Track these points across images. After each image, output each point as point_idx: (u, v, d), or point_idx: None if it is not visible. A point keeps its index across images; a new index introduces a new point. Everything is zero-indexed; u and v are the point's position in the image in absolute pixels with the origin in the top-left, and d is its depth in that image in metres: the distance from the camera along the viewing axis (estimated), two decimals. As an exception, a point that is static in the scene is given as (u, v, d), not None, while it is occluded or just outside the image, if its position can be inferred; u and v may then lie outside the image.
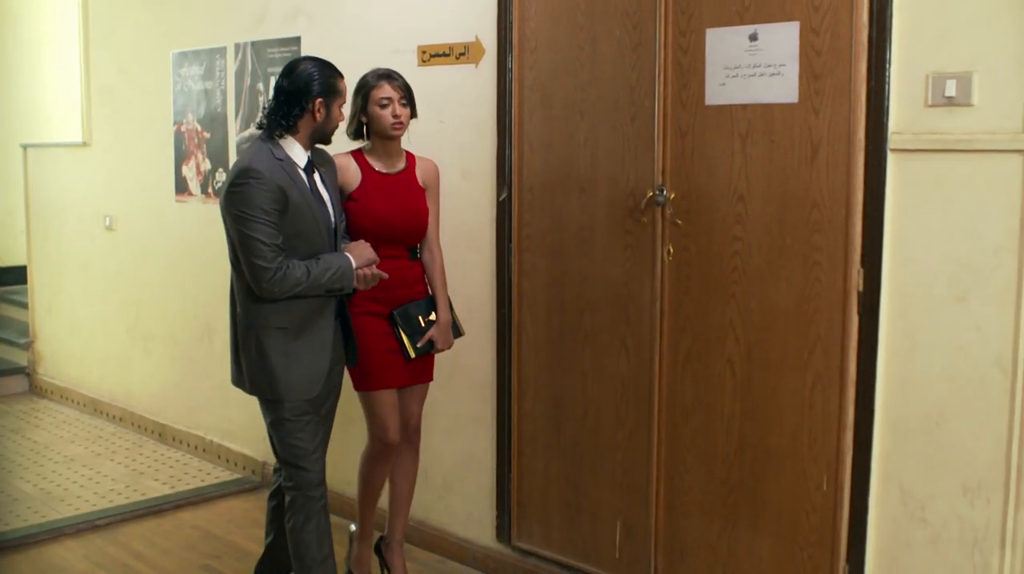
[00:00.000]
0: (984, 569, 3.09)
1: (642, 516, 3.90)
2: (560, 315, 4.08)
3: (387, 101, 3.85)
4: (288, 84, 3.55)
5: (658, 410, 3.81)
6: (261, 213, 3.44)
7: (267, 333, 3.58)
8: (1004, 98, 2.97)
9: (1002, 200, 2.99)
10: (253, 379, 3.64)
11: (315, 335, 3.65)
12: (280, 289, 3.48)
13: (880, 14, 3.14)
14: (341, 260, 3.61)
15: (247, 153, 3.58)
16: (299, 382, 3.62)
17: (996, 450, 3.05)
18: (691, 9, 3.55)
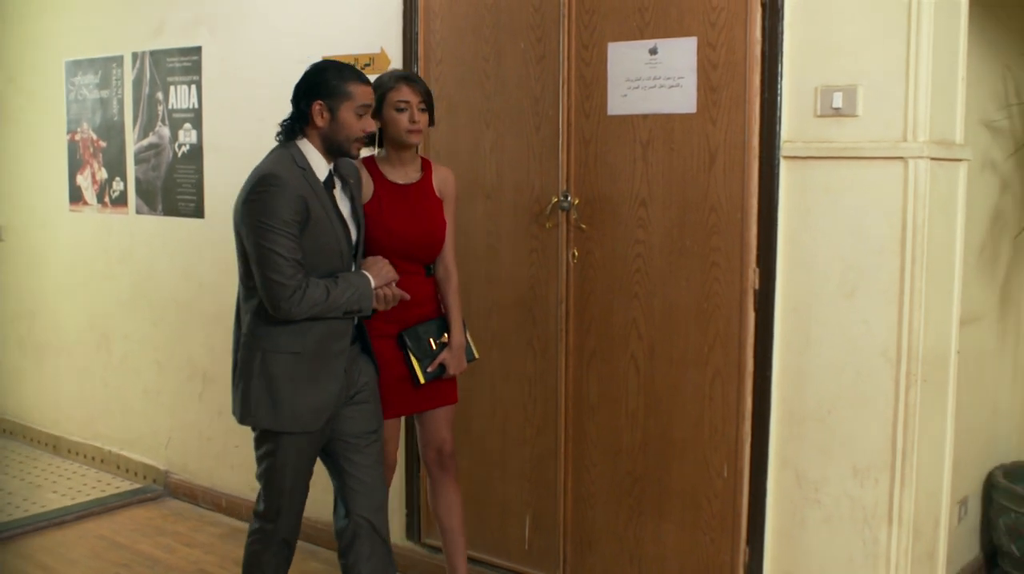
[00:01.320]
0: (873, 544, 3.33)
1: (550, 509, 4.05)
2: (468, 317, 4.18)
3: (405, 105, 3.55)
4: (297, 89, 3.31)
5: (565, 407, 3.97)
6: (282, 224, 3.14)
7: (276, 357, 3.26)
8: (887, 109, 3.21)
9: (886, 203, 3.23)
10: (251, 407, 3.29)
11: (328, 362, 3.32)
12: (298, 309, 3.17)
13: (772, 31, 3.37)
14: (360, 280, 3.32)
15: (267, 159, 3.30)
16: (304, 413, 3.29)
17: (883, 434, 3.29)
18: (593, 24, 3.73)
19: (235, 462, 5.20)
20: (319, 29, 4.60)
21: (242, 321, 3.35)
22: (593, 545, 3.96)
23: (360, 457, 3.47)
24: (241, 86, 4.97)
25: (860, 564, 3.36)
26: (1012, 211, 4.55)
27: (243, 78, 4.95)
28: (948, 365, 3.50)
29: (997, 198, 4.41)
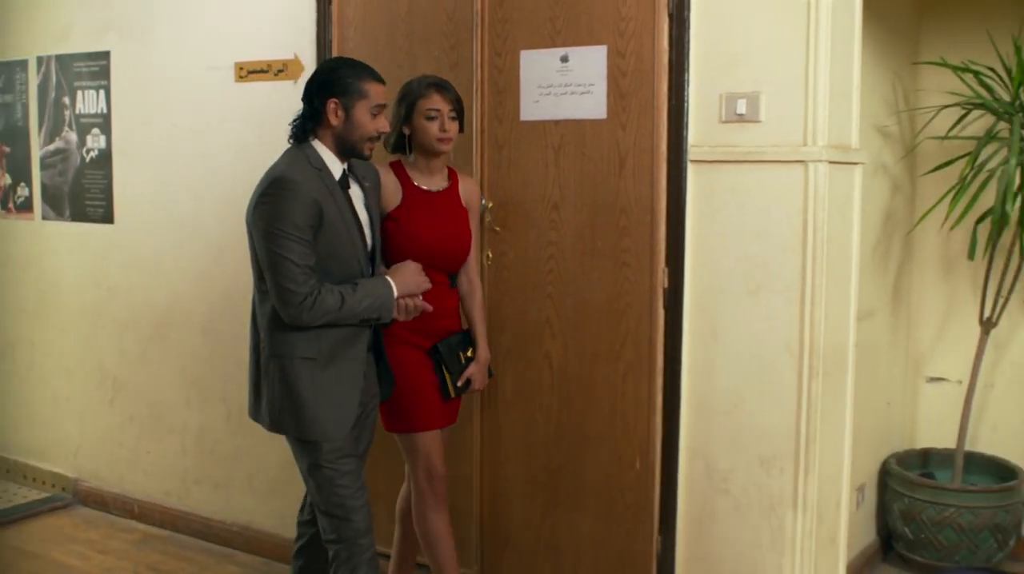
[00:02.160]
0: (780, 530, 3.50)
1: (466, 505, 4.13)
2: (384, 319, 4.28)
3: (435, 113, 3.48)
4: (309, 87, 3.22)
5: (480, 405, 4.07)
6: (293, 229, 3.04)
7: (292, 363, 3.16)
8: (788, 115, 3.39)
9: (788, 204, 3.39)
10: (276, 415, 3.21)
11: (345, 368, 3.22)
12: (310, 316, 3.06)
13: (679, 40, 3.52)
14: (381, 288, 3.22)
15: (281, 160, 3.20)
16: (330, 421, 3.20)
17: (788, 424, 3.46)
18: (506, 32, 3.84)
19: (148, 468, 5.19)
20: (231, 34, 4.63)
21: (258, 326, 3.26)
22: (509, 539, 4.07)
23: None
24: (152, 91, 4.96)
25: (767, 549, 3.53)
26: (902, 211, 4.78)
27: (154, 83, 4.95)
28: (846, 358, 3.68)
29: (888, 199, 4.63)
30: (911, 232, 4.84)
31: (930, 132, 4.64)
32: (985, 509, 4.35)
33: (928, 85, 4.72)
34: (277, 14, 4.47)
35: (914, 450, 4.90)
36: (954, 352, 4.89)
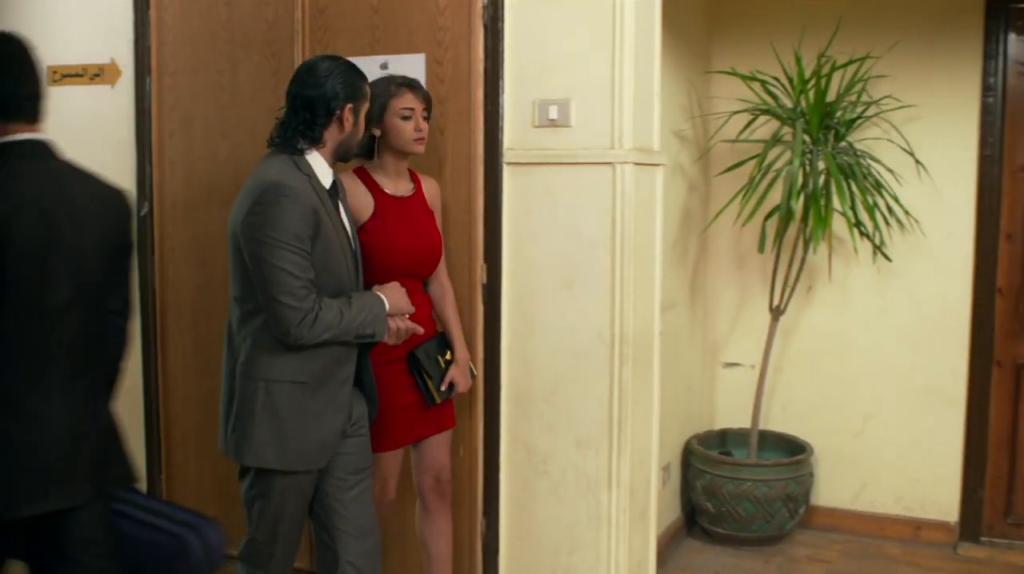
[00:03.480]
0: (596, 507, 3.75)
1: (295, 500, 4.25)
2: (207, 321, 4.34)
3: (409, 112, 3.37)
4: (309, 89, 2.99)
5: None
6: (293, 239, 2.82)
7: (281, 388, 2.93)
8: (597, 120, 3.63)
9: (597, 204, 3.64)
10: (255, 446, 2.95)
11: (334, 392, 3.02)
12: (310, 335, 2.85)
13: (494, 50, 3.73)
14: (374, 301, 3.03)
15: (269, 166, 2.96)
16: (312, 449, 2.99)
17: (601, 409, 3.71)
18: (327, 39, 3.97)
19: None
20: (42, 39, 4.55)
21: (236, 347, 3.01)
22: (339, 530, 4.19)
23: (352, 496, 3.18)
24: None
25: (585, 525, 3.77)
26: (698, 209, 5.13)
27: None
28: (652, 346, 3.95)
29: (686, 198, 4.96)
30: (707, 229, 5.20)
31: (722, 136, 5.00)
32: (778, 481, 4.73)
33: (720, 93, 5.08)
34: (93, 18, 4.46)
35: (713, 431, 5.26)
36: (747, 339, 5.27)
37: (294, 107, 3.02)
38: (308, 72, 3.02)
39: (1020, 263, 4.85)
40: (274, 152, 3.03)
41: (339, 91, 2.99)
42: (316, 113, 2.99)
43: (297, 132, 3.00)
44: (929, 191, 4.86)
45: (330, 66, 3.02)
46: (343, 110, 3.01)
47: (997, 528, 4.97)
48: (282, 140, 3.02)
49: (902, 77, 4.85)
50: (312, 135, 3.00)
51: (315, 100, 2.98)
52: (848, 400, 5.14)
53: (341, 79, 3.00)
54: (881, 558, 4.84)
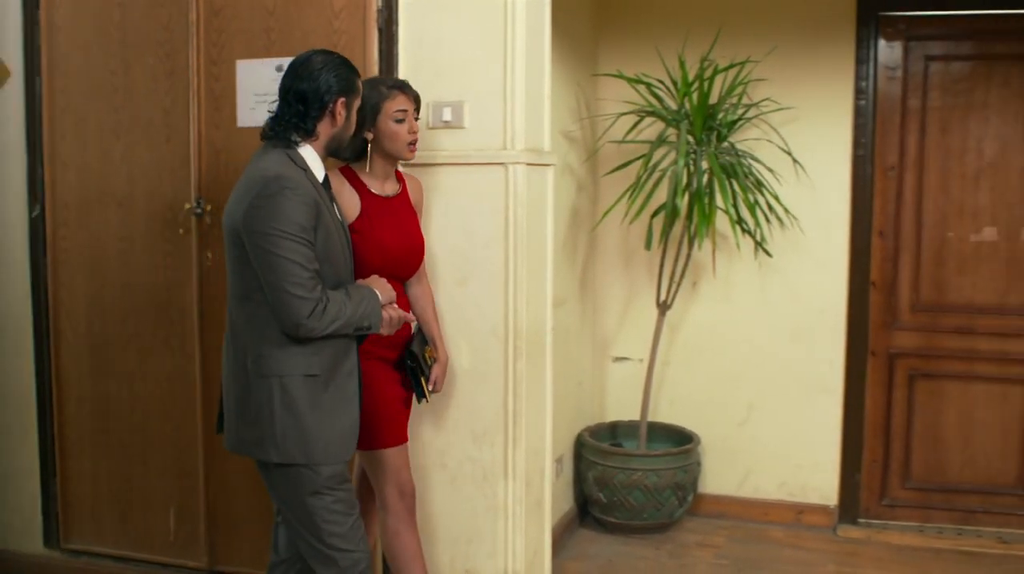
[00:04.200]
0: (492, 498, 3.85)
1: (193, 500, 4.26)
2: (102, 322, 4.32)
3: (403, 115, 3.36)
4: (302, 82, 2.99)
5: (203, 402, 4.20)
6: (299, 230, 2.84)
7: (294, 383, 2.94)
8: (489, 122, 3.72)
9: (491, 203, 3.73)
10: (276, 441, 2.95)
11: (342, 383, 3.04)
12: (319, 325, 2.87)
13: (388, 52, 3.80)
14: (369, 293, 3.07)
15: (266, 159, 2.96)
16: (336, 442, 3.01)
17: (496, 402, 3.81)
18: (222, 42, 4.00)
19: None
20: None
21: (243, 345, 3.00)
22: (237, 530, 4.22)
23: None
24: None
25: (482, 516, 3.87)
26: (587, 208, 5.27)
27: None
28: (545, 341, 4.06)
29: (575, 197, 5.10)
30: (595, 227, 5.34)
31: (609, 137, 5.15)
32: (666, 471, 4.90)
33: (607, 95, 5.23)
34: (-20, 18, 4.43)
35: (604, 423, 5.42)
36: (635, 334, 5.43)
37: (287, 100, 3.02)
38: (302, 66, 3.03)
39: (892, 258, 5.11)
40: (268, 146, 3.04)
41: (332, 84, 3.00)
42: (309, 106, 3.00)
43: (290, 125, 3.01)
44: (807, 189, 5.08)
45: (324, 60, 3.04)
46: (336, 103, 3.03)
47: (874, 510, 5.23)
48: (275, 134, 3.03)
49: (780, 81, 5.06)
50: (305, 128, 3.01)
51: (308, 93, 2.99)
52: (732, 391, 5.33)
53: (334, 73, 3.02)
54: (765, 542, 5.04)
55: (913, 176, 5.08)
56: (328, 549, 3.06)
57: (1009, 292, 5.04)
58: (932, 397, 5.16)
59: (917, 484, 5.20)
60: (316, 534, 3.05)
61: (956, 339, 5.11)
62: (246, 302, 2.98)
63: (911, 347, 5.15)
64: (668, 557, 4.83)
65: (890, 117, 5.06)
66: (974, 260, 5.05)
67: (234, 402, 3.04)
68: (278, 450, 2.96)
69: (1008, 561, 4.83)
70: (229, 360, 3.07)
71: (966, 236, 5.05)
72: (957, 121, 5.02)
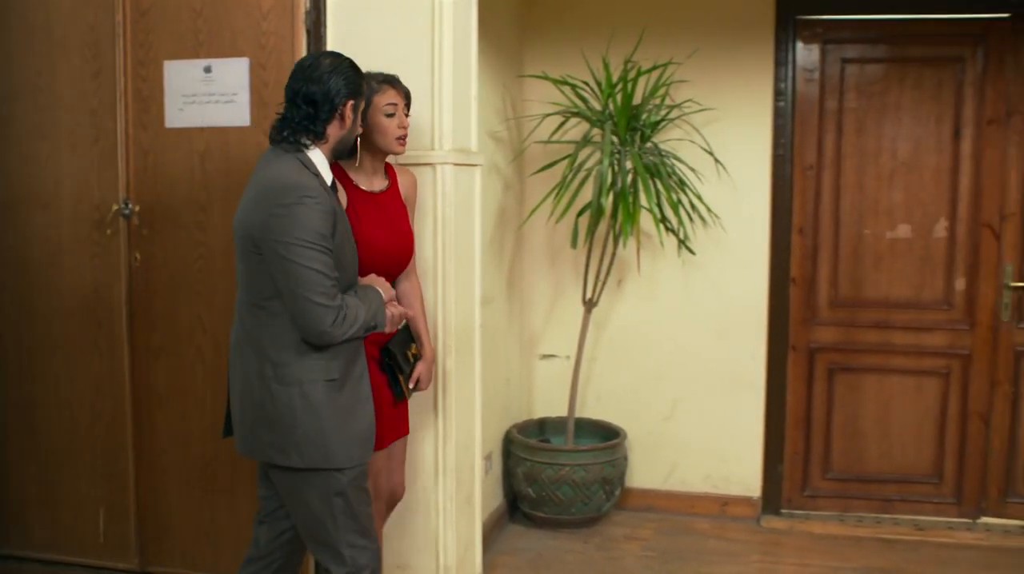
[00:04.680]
0: (424, 494, 3.91)
1: (123, 500, 4.26)
2: (29, 325, 4.30)
3: (393, 109, 3.35)
4: (312, 85, 2.99)
5: (132, 402, 4.20)
6: (320, 239, 2.84)
7: (316, 389, 2.95)
8: (418, 122, 3.74)
9: (420, 202, 3.77)
10: (299, 446, 2.97)
11: (355, 386, 3.06)
12: (340, 332, 2.89)
13: (317, 54, 3.84)
14: (373, 293, 3.09)
15: (278, 166, 2.95)
16: (356, 443, 3.03)
17: (426, 398, 3.85)
18: (149, 42, 4.00)
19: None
20: None
21: (260, 352, 2.99)
22: (169, 529, 4.23)
23: None
24: None
25: (414, 512, 3.92)
26: (513, 208, 5.34)
27: None
28: (473, 339, 4.12)
29: (502, 197, 5.16)
30: (522, 226, 5.41)
31: (535, 137, 5.22)
32: (594, 465, 4.98)
33: (533, 96, 5.30)
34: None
35: (532, 419, 5.49)
36: (562, 331, 5.51)
37: (295, 103, 3.01)
38: (311, 68, 3.02)
39: (811, 255, 5.24)
40: (277, 150, 3.02)
41: (341, 87, 3.01)
42: (319, 109, 2.99)
43: (300, 128, 3.00)
44: (728, 188, 5.20)
45: (333, 63, 3.03)
46: (345, 107, 3.03)
47: (796, 501, 5.36)
48: (283, 137, 3.01)
49: (702, 82, 5.17)
50: (316, 131, 3.00)
51: (318, 96, 2.99)
52: (657, 386, 5.43)
53: (343, 76, 3.02)
54: (692, 533, 5.15)
55: (831, 175, 5.22)
56: (349, 550, 3.07)
57: (923, 287, 5.20)
58: (851, 390, 5.30)
59: (837, 475, 5.35)
60: (334, 535, 3.06)
61: (873, 333, 5.26)
62: (260, 310, 2.98)
63: (830, 342, 5.29)
64: (596, 550, 4.92)
65: (808, 118, 5.19)
66: (889, 256, 5.21)
67: (252, 409, 3.03)
68: (301, 455, 2.97)
69: (924, 547, 4.98)
70: (242, 367, 3.05)
71: (882, 233, 5.20)
72: (872, 122, 5.17)
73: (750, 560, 4.82)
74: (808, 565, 4.77)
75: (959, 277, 5.15)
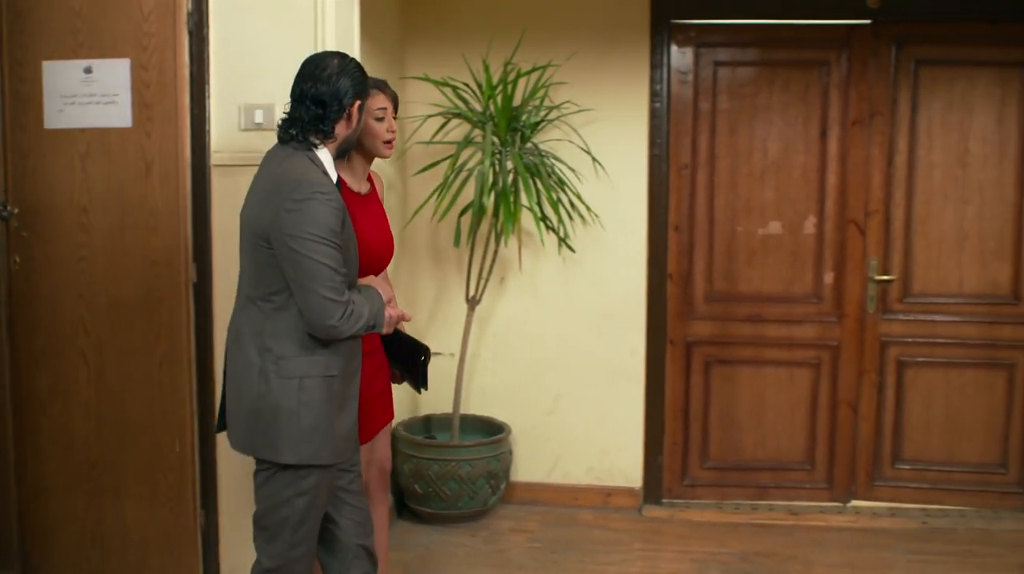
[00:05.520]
0: (312, 490, 3.94)
1: (3, 506, 4.19)
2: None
3: (383, 113, 3.41)
4: (321, 85, 3.02)
5: (13, 405, 4.15)
6: (331, 235, 2.89)
7: (315, 383, 3.00)
8: (301, 123, 3.82)
9: (304, 202, 3.82)
10: (293, 441, 3.00)
11: (349, 382, 3.13)
12: (348, 327, 2.93)
13: (199, 56, 3.86)
14: (374, 293, 3.12)
15: (289, 164, 3.00)
16: (340, 441, 3.10)
17: (314, 397, 3.90)
18: (26, 42, 3.96)
19: None
20: None
21: (262, 346, 3.02)
22: (53, 533, 4.18)
23: (355, 485, 3.34)
24: None
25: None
26: (397, 208, 5.38)
27: None
28: (360, 336, 4.18)
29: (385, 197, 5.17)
30: (406, 226, 5.47)
31: (418, 138, 5.28)
32: (479, 460, 5.07)
33: (415, 97, 5.35)
34: None
35: (418, 417, 5.55)
36: (446, 329, 5.57)
37: (303, 103, 3.05)
38: (319, 69, 3.06)
39: (687, 252, 5.41)
40: (287, 148, 3.07)
41: (349, 88, 3.05)
42: (328, 109, 3.03)
43: (310, 127, 3.05)
44: (606, 187, 5.33)
45: (340, 63, 3.08)
46: (353, 106, 3.08)
47: (675, 490, 5.53)
48: (291, 136, 3.07)
49: (580, 84, 5.29)
50: (325, 130, 3.05)
51: (326, 96, 3.03)
52: (540, 382, 5.54)
53: (351, 76, 3.07)
54: (576, 525, 5.27)
55: (705, 174, 5.39)
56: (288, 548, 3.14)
57: (794, 282, 5.41)
58: (727, 382, 5.49)
59: (715, 464, 5.53)
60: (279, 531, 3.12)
61: (747, 327, 5.45)
62: (266, 303, 3.02)
63: (706, 335, 5.47)
64: (484, 543, 5.01)
65: (683, 119, 5.36)
66: (762, 252, 5.41)
67: (248, 401, 3.05)
68: (293, 451, 3.02)
69: (798, 531, 5.19)
70: (241, 360, 3.08)
71: (754, 230, 5.40)
72: (744, 123, 5.36)
73: (633, 549, 4.97)
74: (688, 551, 4.93)
75: (827, 271, 5.38)
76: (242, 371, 3.08)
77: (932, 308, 5.38)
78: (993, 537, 5.09)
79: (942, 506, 5.43)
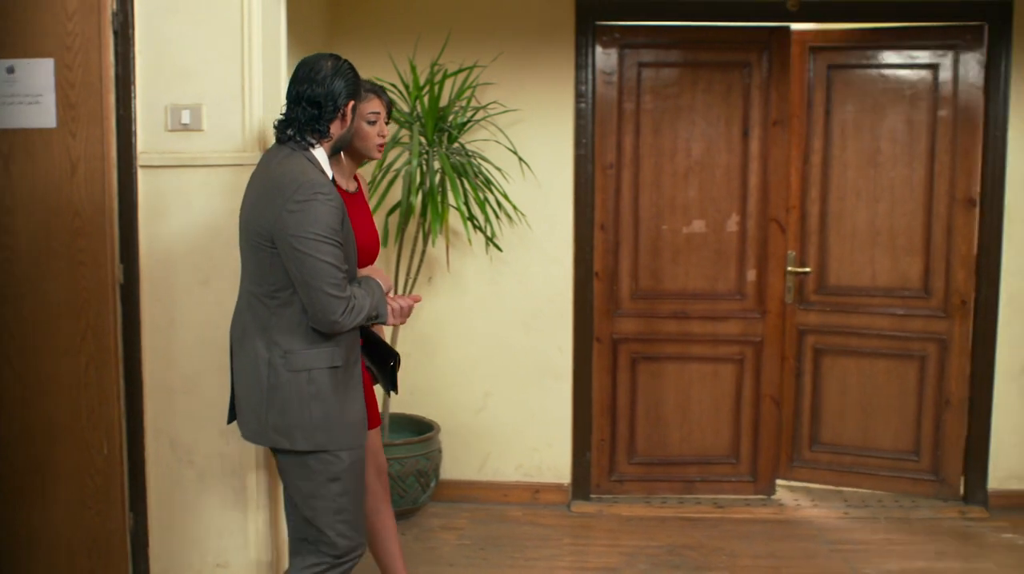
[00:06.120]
0: (242, 490, 3.96)
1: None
2: None
3: (375, 117, 3.54)
4: (316, 87, 3.15)
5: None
6: (332, 233, 3.01)
7: (322, 375, 3.14)
8: (228, 125, 3.83)
9: (231, 203, 3.82)
10: (305, 430, 3.14)
11: (352, 371, 3.25)
12: (349, 321, 3.08)
13: (125, 55, 3.84)
14: (374, 284, 3.26)
15: (288, 164, 3.11)
16: (356, 426, 3.23)
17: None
18: (-55, 43, 3.93)
19: None
20: None
21: (270, 342, 3.15)
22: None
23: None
24: None
25: (231, 508, 3.97)
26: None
27: None
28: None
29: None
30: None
31: (345, 138, 5.30)
32: (409, 459, 5.10)
33: (341, 97, 5.37)
34: None
35: (349, 417, 5.56)
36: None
37: (299, 104, 3.18)
38: (314, 71, 3.18)
39: (613, 250, 5.49)
40: (284, 148, 3.19)
41: (343, 89, 3.19)
42: (323, 109, 3.16)
43: (306, 128, 3.17)
44: (533, 187, 5.39)
45: (334, 65, 3.20)
46: (347, 107, 3.22)
47: (604, 486, 5.61)
48: (288, 137, 3.19)
49: (507, 84, 5.35)
50: (321, 130, 3.18)
51: (321, 98, 3.16)
52: (470, 380, 5.59)
53: (344, 78, 3.20)
54: (505, 521, 5.33)
55: (630, 174, 5.48)
56: (335, 535, 3.24)
57: (717, 279, 5.51)
58: (653, 378, 5.58)
59: (642, 459, 5.62)
60: (325, 520, 3.23)
61: (672, 323, 5.55)
62: (270, 300, 3.14)
63: (632, 332, 5.56)
64: (414, 541, 5.04)
65: (608, 119, 5.44)
66: (686, 250, 5.50)
67: (259, 394, 3.18)
68: (307, 439, 3.15)
69: (724, 523, 5.29)
70: (248, 354, 3.20)
71: (678, 228, 5.50)
72: (668, 123, 5.45)
73: (562, 544, 5.03)
74: (617, 545, 5.00)
75: (750, 269, 5.49)
76: (250, 365, 3.20)
77: (846, 301, 5.54)
78: (911, 525, 5.24)
79: (858, 489, 5.62)
